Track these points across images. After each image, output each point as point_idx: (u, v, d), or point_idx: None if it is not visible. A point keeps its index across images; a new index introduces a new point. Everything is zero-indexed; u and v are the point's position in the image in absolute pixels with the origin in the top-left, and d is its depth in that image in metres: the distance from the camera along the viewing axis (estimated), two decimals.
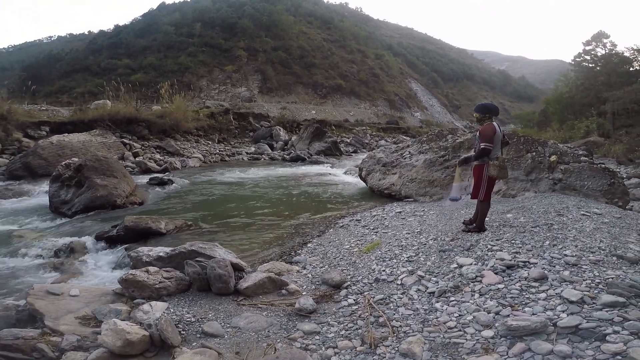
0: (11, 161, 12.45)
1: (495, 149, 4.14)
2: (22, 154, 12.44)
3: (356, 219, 6.08)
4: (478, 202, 4.32)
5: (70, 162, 7.96)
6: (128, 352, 2.47)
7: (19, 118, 15.29)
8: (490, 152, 4.13)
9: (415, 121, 56.96)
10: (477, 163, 4.25)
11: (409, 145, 8.94)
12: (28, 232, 5.95)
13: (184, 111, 20.05)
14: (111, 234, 5.40)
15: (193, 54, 55.73)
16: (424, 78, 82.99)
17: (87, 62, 55.78)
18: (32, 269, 4.62)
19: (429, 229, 4.76)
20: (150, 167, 13.37)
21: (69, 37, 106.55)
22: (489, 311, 2.63)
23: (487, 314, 2.60)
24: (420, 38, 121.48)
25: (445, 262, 3.60)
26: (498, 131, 4.17)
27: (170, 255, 3.82)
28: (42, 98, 32.96)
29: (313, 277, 3.85)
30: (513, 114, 67.68)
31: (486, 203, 4.28)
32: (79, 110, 18.72)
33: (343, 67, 65.68)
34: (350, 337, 2.67)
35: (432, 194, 7.41)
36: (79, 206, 7.10)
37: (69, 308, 3.04)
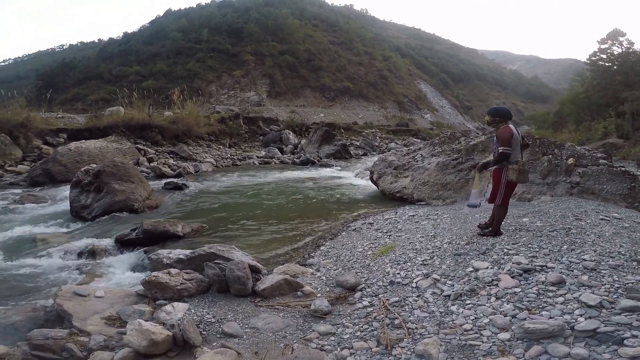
0: (32, 168, 12.82)
1: (514, 152, 4.08)
2: (42, 161, 12.80)
3: (368, 222, 6.11)
4: (495, 206, 4.27)
5: (89, 168, 8.20)
6: (152, 351, 2.52)
7: (38, 126, 15.75)
8: (510, 156, 4.07)
9: (425, 123, 56.54)
10: (497, 167, 4.19)
11: (421, 148, 8.93)
12: (51, 236, 6.11)
13: (195, 116, 20.35)
14: (130, 237, 5.53)
15: (201, 60, 56.49)
16: (433, 79, 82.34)
17: (99, 70, 57.08)
18: (56, 271, 4.75)
19: (444, 233, 4.77)
20: (165, 172, 13.62)
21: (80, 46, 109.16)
22: (505, 314, 2.65)
23: (504, 317, 2.62)
24: (428, 38, 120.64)
25: (461, 266, 3.61)
26: (516, 134, 4.11)
27: (189, 257, 3.92)
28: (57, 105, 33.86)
29: (327, 280, 3.90)
30: (526, 115, 66.42)
31: (503, 208, 4.23)
32: (94, 117, 19.16)
33: (350, 69, 65.67)
34: (366, 338, 2.72)
35: (445, 197, 7.37)
36: (99, 210, 7.30)
37: (95, 309, 3.12)
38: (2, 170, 13.34)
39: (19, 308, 3.34)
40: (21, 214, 8.00)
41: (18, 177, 12.76)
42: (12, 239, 6.03)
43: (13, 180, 12.37)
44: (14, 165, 13.86)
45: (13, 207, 8.54)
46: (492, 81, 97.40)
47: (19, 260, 5.10)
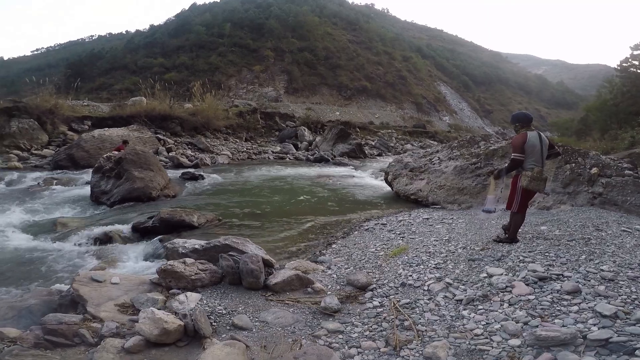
0: (57, 152, 13.31)
1: (528, 159, 4.05)
2: (67, 146, 13.26)
3: (381, 223, 6.08)
4: (511, 213, 4.24)
5: (111, 154, 8.42)
6: (163, 340, 2.53)
7: (65, 112, 16.32)
8: (522, 163, 4.05)
9: (443, 125, 55.76)
10: (515, 173, 4.17)
11: (439, 151, 8.81)
12: (71, 220, 6.31)
13: (214, 109, 20.63)
14: (147, 224, 5.66)
15: (223, 54, 57.21)
16: (454, 81, 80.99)
17: (125, 61, 58.55)
18: (73, 256, 4.90)
19: (458, 237, 4.73)
20: (182, 162, 13.90)
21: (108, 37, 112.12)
22: (517, 321, 2.63)
23: (516, 323, 2.60)
24: (451, 40, 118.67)
25: (475, 271, 3.58)
26: (533, 141, 4.06)
27: (205, 248, 3.96)
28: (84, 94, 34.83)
29: (338, 278, 3.90)
30: (550, 121, 64.56)
31: (519, 215, 4.19)
32: (117, 106, 19.69)
33: (369, 68, 65.24)
34: (374, 338, 2.71)
35: (462, 202, 7.26)
36: (117, 197, 7.50)
37: (109, 295, 3.14)
38: (29, 153, 13.88)
39: (35, 291, 3.42)
40: (43, 196, 8.29)
41: (42, 160, 13.26)
42: (34, 222, 6.26)
43: (38, 163, 12.86)
44: (40, 149, 14.39)
45: (36, 190, 8.86)
46: (515, 85, 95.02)
47: (39, 243, 5.28)
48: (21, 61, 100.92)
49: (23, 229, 5.91)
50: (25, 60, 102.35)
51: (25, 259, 4.76)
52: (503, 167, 4.59)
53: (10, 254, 4.91)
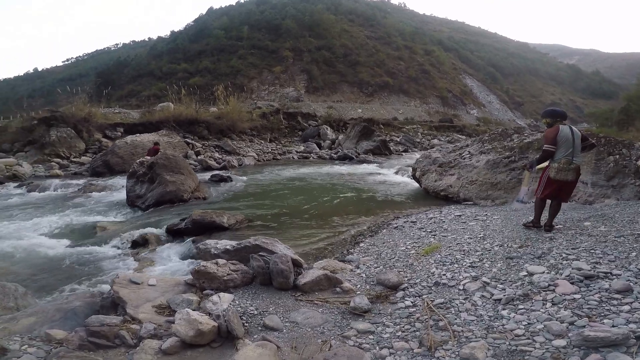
0: (93, 159, 14.00)
1: (558, 150, 4.23)
2: (102, 153, 13.92)
3: (411, 221, 5.96)
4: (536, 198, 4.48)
5: (144, 159, 8.74)
6: (198, 341, 2.55)
7: (98, 120, 17.16)
8: (553, 154, 4.25)
9: (471, 119, 54.22)
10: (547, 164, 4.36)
11: (469, 145, 8.54)
12: (109, 224, 6.61)
13: (238, 112, 21.03)
14: (180, 226, 5.83)
15: (243, 57, 58.20)
16: (479, 73, 78.64)
17: (150, 67, 60.74)
18: (113, 258, 5.12)
19: (494, 235, 4.56)
20: (211, 165, 14.27)
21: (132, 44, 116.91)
22: (562, 321, 2.51)
23: (560, 323, 2.48)
24: (474, 32, 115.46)
25: (513, 270, 3.44)
26: (565, 133, 4.23)
27: (236, 248, 4.02)
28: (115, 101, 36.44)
29: (367, 277, 3.85)
30: (587, 112, 61.44)
31: (539, 200, 4.45)
32: (147, 113, 20.46)
33: (389, 64, 64.41)
34: (407, 339, 2.64)
35: (495, 197, 7.01)
36: (151, 200, 7.79)
37: (147, 297, 3.22)
38: (68, 161, 14.67)
39: (79, 294, 3.59)
40: (84, 202, 8.74)
41: (81, 167, 13.97)
42: (76, 226, 6.60)
43: (77, 171, 13.56)
44: (78, 156, 15.18)
45: (77, 196, 9.35)
46: (545, 76, 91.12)
47: (82, 247, 5.55)
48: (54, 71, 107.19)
49: (67, 233, 6.25)
50: (58, 70, 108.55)
51: (70, 262, 5.02)
52: (534, 158, 4.71)
53: (56, 258, 5.19)
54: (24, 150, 15.27)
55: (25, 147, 15.39)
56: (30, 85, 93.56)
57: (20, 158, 14.27)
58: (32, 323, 2.86)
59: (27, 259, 5.10)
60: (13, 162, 13.07)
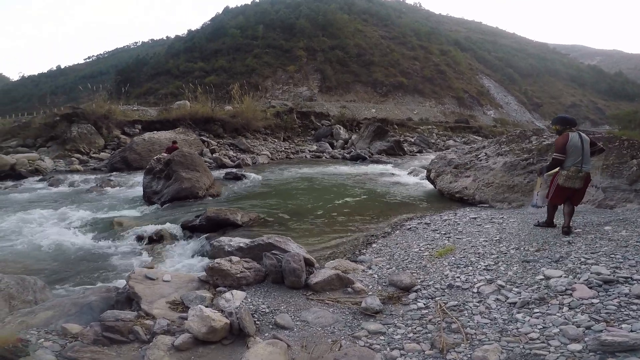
0: (112, 155, 14.35)
1: (569, 158, 4.37)
2: (121, 149, 14.24)
3: (425, 222, 5.91)
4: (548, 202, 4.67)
5: (161, 156, 8.90)
6: (210, 338, 2.56)
7: (117, 117, 17.56)
8: (561, 162, 4.40)
9: (488, 120, 53.32)
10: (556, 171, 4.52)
11: (485, 146, 8.40)
12: (126, 219, 6.73)
13: (253, 111, 21.20)
14: (194, 223, 5.90)
15: (258, 56, 58.65)
16: (497, 74, 77.33)
17: (168, 66, 61.81)
18: (129, 253, 5.23)
19: (510, 238, 4.49)
20: (225, 163, 14.45)
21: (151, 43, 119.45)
22: (578, 325, 2.48)
23: (577, 327, 2.45)
24: (491, 32, 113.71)
25: (530, 273, 3.38)
26: (575, 141, 4.37)
27: (249, 246, 4.05)
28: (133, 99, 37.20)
29: (379, 278, 3.83)
30: (609, 114, 59.73)
31: (551, 204, 4.65)
32: (164, 110, 20.83)
33: (404, 64, 63.89)
34: (419, 341, 2.62)
35: (512, 200, 6.87)
36: (167, 197, 7.92)
37: (161, 293, 3.24)
38: (88, 156, 15.06)
39: (95, 288, 3.65)
40: (102, 197, 8.96)
41: (100, 163, 14.35)
42: (94, 221, 6.76)
43: (96, 166, 13.93)
44: (97, 152, 15.58)
45: (96, 191, 9.59)
46: (566, 77, 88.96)
47: (99, 242, 5.70)
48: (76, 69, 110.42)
49: (85, 228, 6.41)
50: (80, 67, 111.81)
51: (87, 256, 5.15)
52: (544, 166, 4.89)
53: (74, 252, 5.33)
54: (46, 145, 15.75)
55: (48, 143, 15.87)
56: (54, 82, 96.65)
57: (43, 153, 14.73)
58: (49, 317, 2.91)
59: (46, 253, 5.25)
60: (35, 157, 13.50)
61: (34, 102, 47.00)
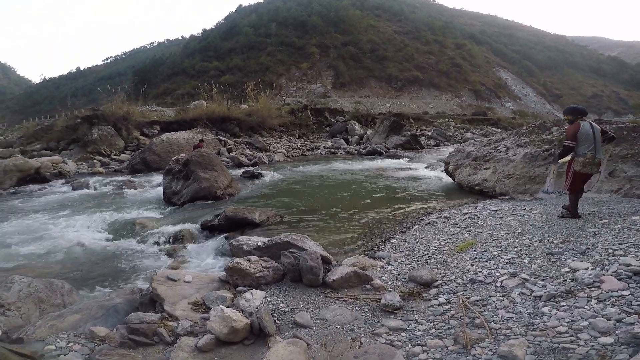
0: (132, 157, 14.67)
1: (581, 145, 4.52)
2: (140, 150, 14.53)
3: (444, 216, 5.81)
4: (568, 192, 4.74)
5: (179, 157, 9.05)
6: (231, 339, 2.58)
7: (136, 118, 17.87)
8: (572, 149, 4.58)
9: (506, 112, 52.08)
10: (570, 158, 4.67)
11: (505, 138, 8.21)
12: (147, 220, 6.89)
13: (268, 109, 21.29)
14: (213, 222, 5.96)
15: (272, 54, 58.89)
16: (515, 66, 75.57)
17: (184, 66, 62.78)
18: (151, 254, 5.34)
19: (533, 230, 4.36)
20: (242, 162, 14.59)
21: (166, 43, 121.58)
22: (608, 318, 2.40)
23: (607, 320, 2.37)
24: (507, 25, 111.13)
25: (555, 266, 3.29)
26: (586, 129, 4.52)
27: (267, 245, 4.07)
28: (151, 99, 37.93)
29: (398, 274, 3.78)
30: (632, 103, 57.66)
31: (572, 194, 4.68)
32: (181, 110, 21.13)
33: (419, 58, 63.06)
34: (441, 337, 2.58)
35: (533, 191, 6.70)
36: (187, 197, 8.05)
37: (183, 293, 3.28)
38: (109, 158, 15.45)
39: (120, 291, 3.72)
40: (124, 199, 9.19)
41: (121, 165, 14.69)
42: (117, 223, 6.94)
43: (117, 168, 14.27)
44: (118, 154, 15.95)
45: (118, 193, 9.85)
46: (585, 68, 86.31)
47: (122, 243, 5.83)
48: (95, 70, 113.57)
49: (108, 229, 6.58)
50: (98, 69, 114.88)
51: (111, 258, 5.28)
52: (557, 153, 5.06)
53: (98, 253, 5.48)
54: (69, 148, 16.24)
55: (70, 145, 16.35)
56: (73, 84, 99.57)
57: (65, 156, 15.20)
58: (77, 320, 2.97)
59: (72, 255, 5.39)
60: (59, 160, 13.91)
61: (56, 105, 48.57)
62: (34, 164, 12.32)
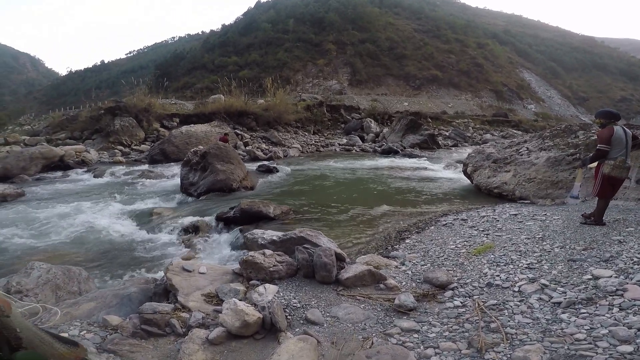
0: (152, 147, 14.99)
1: (614, 149, 4.45)
2: (160, 142, 14.83)
3: (461, 218, 5.70)
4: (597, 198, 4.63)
5: (197, 149, 9.18)
6: (243, 332, 2.57)
7: (157, 111, 18.26)
8: (607, 153, 4.47)
9: (528, 114, 50.72)
10: (598, 163, 4.58)
11: (527, 141, 8.00)
12: (164, 210, 7.01)
13: (285, 104, 21.37)
14: (229, 215, 6.00)
15: (289, 50, 58.94)
16: (539, 68, 73.47)
17: (203, 61, 63.47)
18: (166, 244, 5.42)
19: (554, 236, 4.24)
20: (258, 156, 14.72)
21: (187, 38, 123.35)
22: (630, 327, 2.33)
23: (628, 329, 2.31)
24: (532, 25, 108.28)
25: (576, 273, 3.20)
26: (620, 134, 4.45)
27: (282, 239, 4.07)
28: (171, 93, 38.55)
29: (413, 275, 3.73)
30: None
31: (602, 200, 4.56)
32: (200, 104, 21.45)
33: (439, 57, 61.97)
34: (455, 339, 2.54)
35: (555, 196, 6.51)
36: (203, 188, 8.17)
37: (197, 285, 3.26)
38: (129, 148, 15.82)
39: (135, 280, 3.75)
40: (142, 188, 9.40)
41: (141, 155, 15.03)
42: (135, 211, 7.08)
43: (137, 158, 14.62)
44: (138, 144, 16.33)
45: (137, 182, 10.08)
46: (615, 71, 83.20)
47: (140, 232, 5.95)
48: (119, 63, 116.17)
49: (127, 218, 6.72)
50: (122, 62, 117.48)
51: (128, 246, 5.38)
52: (588, 157, 4.93)
53: (116, 242, 5.60)
54: (92, 137, 16.72)
55: (93, 135, 16.84)
56: (98, 76, 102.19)
57: (88, 145, 15.65)
58: (91, 308, 2.98)
59: (90, 243, 5.52)
60: (82, 149, 14.36)
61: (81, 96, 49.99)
62: (58, 152, 12.74)
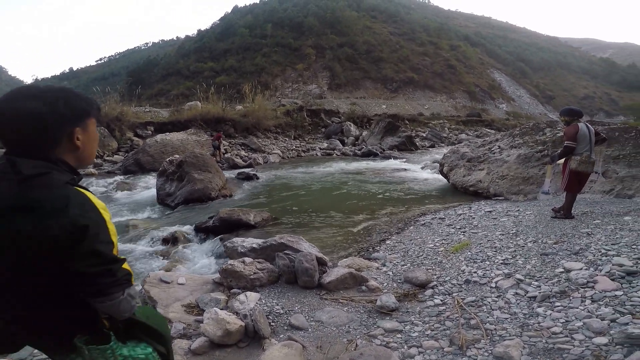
0: (125, 158, 14.52)
1: (579, 146, 4.68)
2: (134, 152, 14.39)
3: (439, 217, 5.83)
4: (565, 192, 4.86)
5: (173, 158, 8.98)
6: (225, 341, 2.56)
7: (130, 119, 17.72)
8: (573, 150, 4.70)
9: (500, 113, 52.42)
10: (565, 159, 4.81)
11: (498, 139, 8.28)
12: (140, 222, 6.81)
13: (264, 110, 21.23)
14: (208, 224, 5.90)
15: (267, 55, 58.75)
16: (508, 68, 76.18)
17: (178, 66, 62.42)
18: (144, 256, 5.24)
19: (527, 231, 4.40)
20: (237, 163, 14.51)
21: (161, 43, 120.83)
22: (602, 318, 2.43)
23: (601, 320, 2.40)
24: (501, 27, 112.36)
25: (549, 266, 3.31)
26: (584, 131, 4.69)
27: (262, 247, 4.04)
28: (145, 100, 37.61)
29: (394, 275, 3.78)
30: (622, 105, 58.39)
31: (570, 194, 4.79)
32: (175, 112, 20.99)
33: (414, 59, 63.30)
34: (437, 338, 2.58)
35: (527, 192, 6.76)
36: (180, 198, 7.98)
37: (176, 296, 3.24)
38: (102, 160, 15.28)
39: None
40: (116, 200, 9.09)
41: (114, 166, 14.52)
42: None
43: (110, 169, 14.12)
44: (111, 155, 15.80)
45: (110, 194, 9.74)
46: (578, 70, 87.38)
47: None
48: (88, 70, 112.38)
49: None
50: (92, 69, 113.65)
51: None
52: (556, 153, 5.11)
53: None
54: None
55: None
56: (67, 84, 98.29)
57: None
58: None
59: None
60: None
61: None
62: None
